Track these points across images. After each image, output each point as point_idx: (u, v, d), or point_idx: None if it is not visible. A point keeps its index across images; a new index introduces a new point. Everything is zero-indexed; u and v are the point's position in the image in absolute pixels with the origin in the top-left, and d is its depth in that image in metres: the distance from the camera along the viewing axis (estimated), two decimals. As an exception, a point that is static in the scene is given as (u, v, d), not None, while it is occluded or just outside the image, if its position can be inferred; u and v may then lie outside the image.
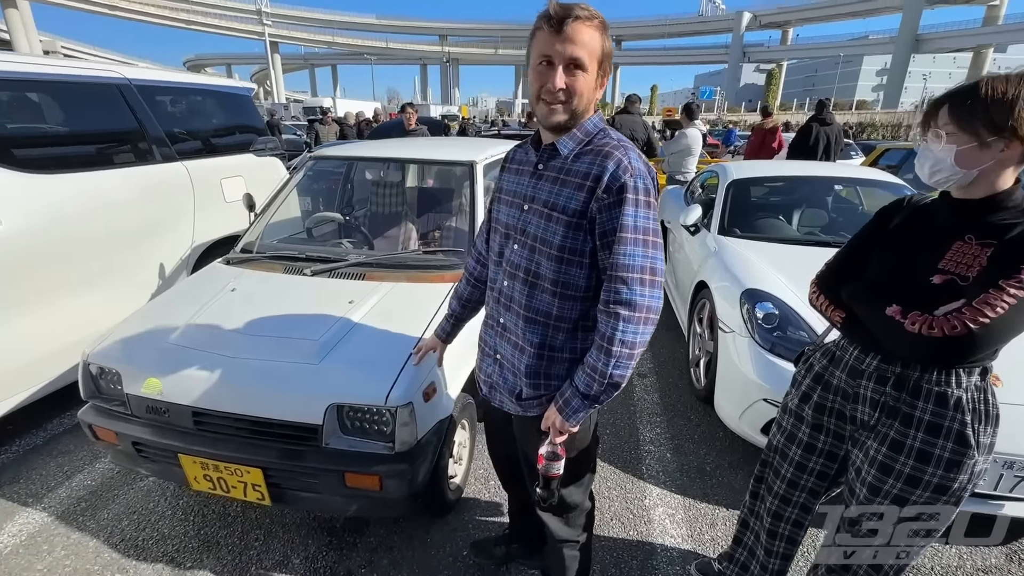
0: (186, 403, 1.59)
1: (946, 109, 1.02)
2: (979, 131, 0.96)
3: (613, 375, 1.06)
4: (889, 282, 1.11)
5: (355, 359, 1.61)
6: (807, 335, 2.14)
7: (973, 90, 0.98)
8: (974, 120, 0.97)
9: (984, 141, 0.96)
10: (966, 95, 1.00)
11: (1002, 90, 0.94)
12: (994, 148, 0.96)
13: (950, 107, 1.01)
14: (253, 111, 3.85)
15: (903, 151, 5.64)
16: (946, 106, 1.02)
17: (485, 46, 76.33)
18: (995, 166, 0.98)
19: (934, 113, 1.05)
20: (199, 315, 1.83)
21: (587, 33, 1.00)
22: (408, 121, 5.41)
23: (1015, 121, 0.93)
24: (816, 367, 1.30)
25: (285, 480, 1.58)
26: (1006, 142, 0.95)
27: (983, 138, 0.96)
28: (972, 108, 0.98)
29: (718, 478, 2.23)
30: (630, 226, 1.02)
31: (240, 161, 3.54)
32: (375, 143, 3.18)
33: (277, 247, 2.38)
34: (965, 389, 1.05)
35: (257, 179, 3.63)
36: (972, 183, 1.02)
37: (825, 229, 3.28)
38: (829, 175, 3.56)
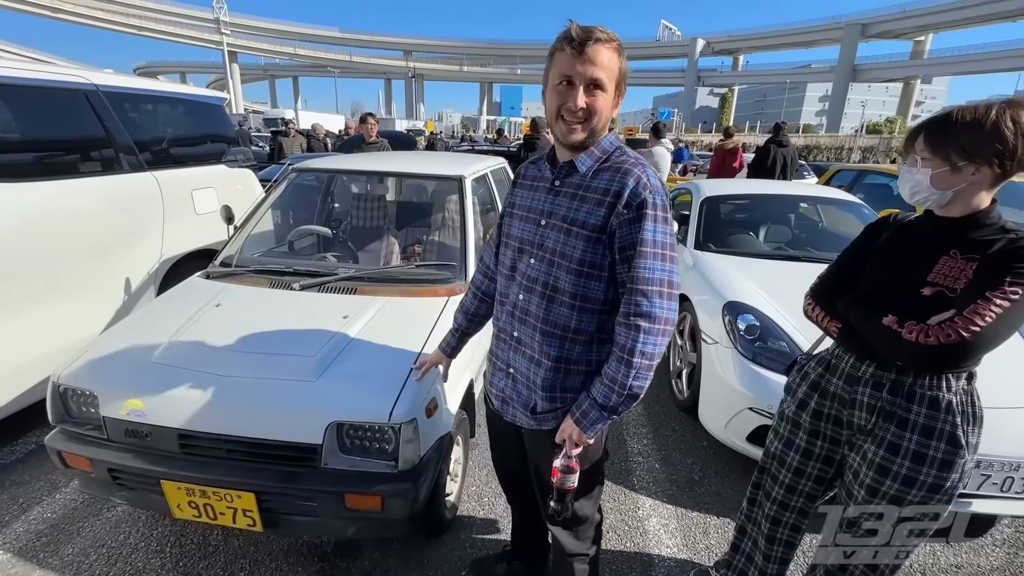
0: (172, 425, 1.51)
1: (922, 137, 1.12)
2: (950, 156, 1.06)
3: (632, 386, 1.08)
4: (882, 294, 1.19)
5: (355, 375, 1.57)
6: (786, 345, 2.24)
7: (945, 119, 1.08)
8: (946, 147, 1.07)
9: (956, 165, 1.06)
10: (939, 124, 1.10)
11: (970, 119, 1.04)
12: (965, 172, 1.06)
13: (925, 135, 1.11)
14: (225, 121, 3.74)
15: (854, 172, 6.03)
16: (922, 134, 1.12)
17: (450, 62, 76.97)
18: (969, 188, 1.08)
19: (913, 140, 1.15)
20: (183, 332, 1.74)
21: (606, 55, 1.04)
22: (368, 132, 5.13)
23: (982, 148, 1.02)
24: (812, 375, 1.37)
25: (280, 504, 1.51)
26: (976, 166, 1.04)
27: (955, 163, 1.06)
28: (944, 136, 1.07)
29: (707, 486, 2.28)
30: (650, 240, 1.06)
31: (212, 172, 3.42)
32: (359, 156, 3.13)
33: (261, 261, 2.30)
34: (955, 393, 1.12)
35: (230, 191, 3.51)
36: (950, 203, 1.11)
37: (790, 244, 3.46)
38: (793, 194, 3.77)
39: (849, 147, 31.33)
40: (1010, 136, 1.00)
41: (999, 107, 1.02)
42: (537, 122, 5.60)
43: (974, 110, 1.05)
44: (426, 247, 2.87)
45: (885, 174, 5.56)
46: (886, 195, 5.47)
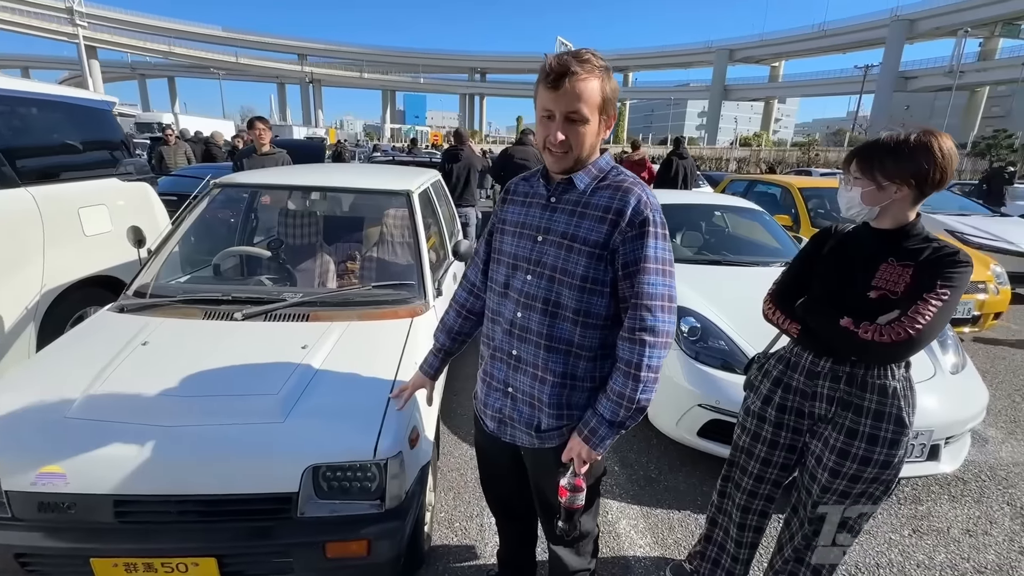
0: (104, 491, 1.27)
1: (855, 160, 1.29)
2: (876, 177, 1.23)
3: (640, 400, 1.11)
4: (835, 297, 1.34)
5: (328, 411, 1.44)
6: (725, 344, 2.44)
7: (872, 145, 1.26)
8: (872, 169, 1.24)
9: (881, 185, 1.23)
10: (867, 149, 1.28)
11: (892, 146, 1.22)
12: (889, 190, 1.23)
13: (857, 158, 1.28)
14: (115, 128, 3.26)
15: (744, 182, 6.76)
16: (855, 158, 1.29)
17: (350, 68, 74.32)
18: (893, 204, 1.26)
19: (849, 162, 1.32)
20: (105, 378, 1.48)
21: (585, 86, 1.05)
22: (259, 140, 4.10)
23: (901, 171, 1.21)
24: (774, 372, 1.50)
25: (248, 565, 1.34)
26: (897, 186, 1.23)
27: (880, 182, 1.23)
28: (870, 160, 1.25)
29: (664, 483, 2.40)
30: (652, 257, 1.10)
31: (102, 187, 2.97)
32: (291, 170, 2.89)
33: (189, 289, 2.03)
34: (898, 380, 1.30)
35: (125, 208, 3.07)
36: (880, 216, 1.29)
37: (705, 248, 3.79)
38: (708, 203, 4.13)
39: (726, 158, 35.14)
40: (923, 162, 1.19)
41: (916, 136, 1.20)
42: (461, 132, 5.58)
43: (895, 137, 1.23)
44: (364, 263, 2.73)
45: (771, 183, 6.29)
46: (771, 202, 6.19)
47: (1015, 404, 3.30)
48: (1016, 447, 2.81)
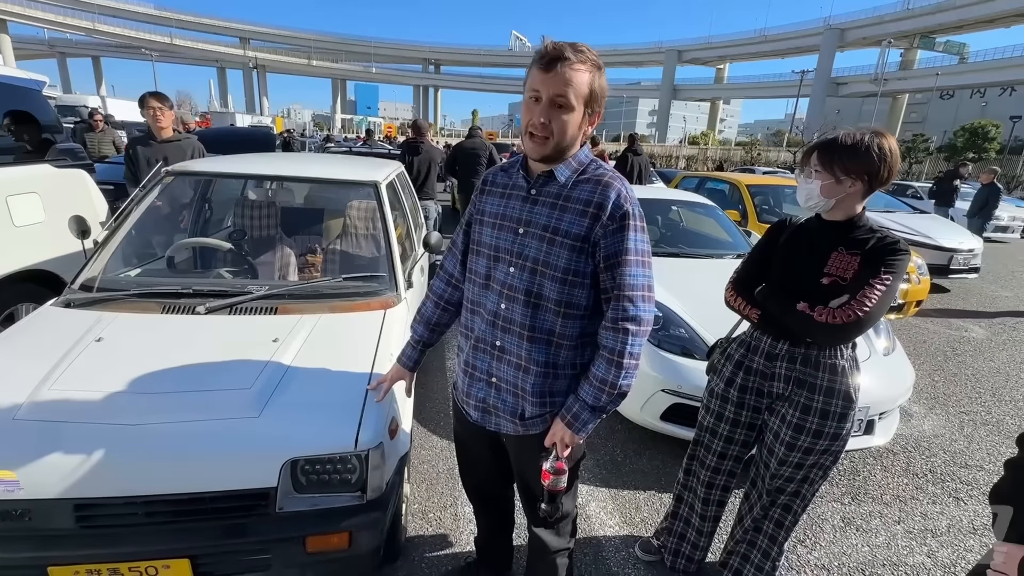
0: (62, 496, 1.20)
1: (816, 154, 1.39)
2: (835, 172, 1.34)
3: (622, 385, 1.16)
4: (791, 284, 1.45)
5: (306, 404, 1.41)
6: (685, 332, 2.57)
7: (832, 143, 1.37)
8: (832, 164, 1.35)
9: (838, 179, 1.35)
10: (827, 145, 1.38)
11: (850, 144, 1.33)
12: (844, 184, 1.35)
13: (818, 153, 1.39)
14: (46, 109, 3.01)
15: (696, 178, 7.06)
16: (816, 152, 1.40)
17: (297, 55, 71.20)
18: (847, 197, 1.37)
19: (809, 156, 1.43)
20: (57, 378, 1.38)
21: (576, 75, 1.08)
22: (156, 124, 3.19)
23: (856, 167, 1.32)
24: (736, 356, 1.61)
25: (222, 564, 1.30)
26: (852, 180, 1.34)
27: (838, 176, 1.34)
28: (830, 155, 1.36)
29: (630, 466, 2.51)
30: (632, 249, 1.15)
31: (33, 173, 2.73)
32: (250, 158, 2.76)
33: (142, 282, 1.92)
34: (846, 360, 1.43)
35: (59, 196, 2.84)
36: (834, 209, 1.40)
37: (663, 241, 3.95)
38: (666, 198, 4.30)
39: (676, 155, 36.45)
40: (876, 159, 1.31)
41: (869, 136, 1.32)
42: (419, 125, 5.49)
43: (852, 136, 1.34)
44: (327, 256, 2.67)
45: (721, 180, 6.60)
46: (721, 198, 6.50)
47: (935, 383, 3.66)
48: (936, 421, 3.12)
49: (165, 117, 3.25)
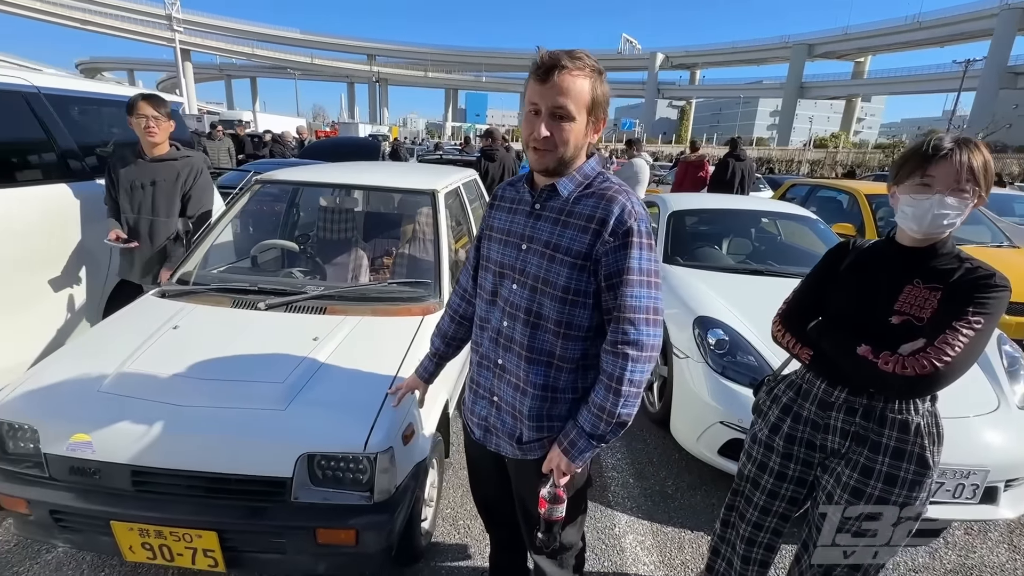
0: (123, 461, 1.39)
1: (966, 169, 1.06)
2: (974, 188, 1.07)
3: (621, 414, 1.07)
4: (851, 321, 1.22)
5: (327, 402, 1.49)
6: (755, 359, 2.30)
7: (975, 151, 1.07)
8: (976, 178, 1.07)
9: (976, 196, 1.08)
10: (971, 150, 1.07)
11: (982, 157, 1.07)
12: (970, 201, 1.09)
13: (971, 166, 1.06)
14: (181, 127, 3.54)
15: (806, 187, 6.33)
16: (968, 165, 1.07)
17: (415, 68, 76.53)
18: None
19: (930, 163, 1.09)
20: (136, 358, 1.62)
21: (574, 82, 1.02)
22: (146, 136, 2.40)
23: (987, 181, 1.07)
24: (783, 399, 1.39)
25: (244, 542, 1.42)
26: (978, 198, 1.09)
27: (975, 194, 1.08)
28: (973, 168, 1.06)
29: (680, 500, 2.31)
30: (635, 268, 1.05)
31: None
32: (329, 167, 3.03)
33: (223, 278, 2.18)
34: (922, 416, 1.17)
35: (185, 200, 3.33)
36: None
37: (751, 257, 3.58)
38: (755, 209, 3.90)
39: (799, 160, 33.09)
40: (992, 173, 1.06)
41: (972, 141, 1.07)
42: (493, 132, 5.61)
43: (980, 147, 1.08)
44: (396, 260, 2.80)
45: (836, 189, 5.86)
46: (836, 209, 5.77)
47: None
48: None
49: (160, 129, 2.41)
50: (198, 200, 2.58)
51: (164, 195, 2.48)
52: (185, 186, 2.53)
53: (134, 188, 2.43)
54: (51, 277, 2.48)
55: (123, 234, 2.44)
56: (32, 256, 2.38)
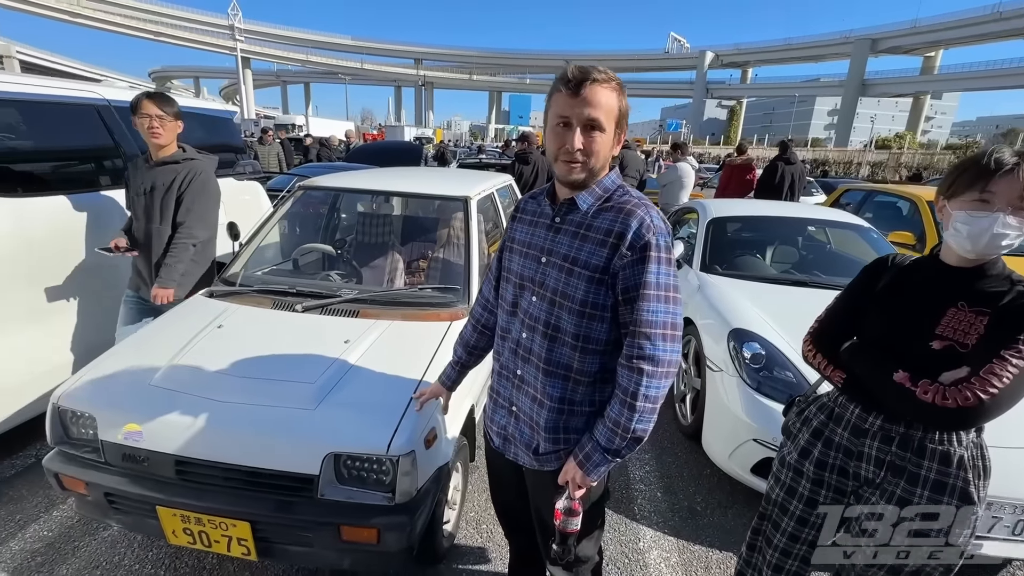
0: (168, 451, 1.49)
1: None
2: None
3: (636, 429, 1.06)
4: (888, 345, 1.15)
5: (354, 404, 1.55)
6: (793, 375, 2.21)
7: None
8: None
9: None
10: None
11: None
12: None
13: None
14: (235, 133, 3.77)
15: (862, 192, 5.98)
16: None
17: (460, 71, 77.67)
18: None
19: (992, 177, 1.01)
20: (183, 354, 1.73)
21: (604, 95, 1.04)
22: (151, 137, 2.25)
23: None
24: (814, 422, 1.33)
25: (275, 534, 1.49)
26: None
27: None
28: None
29: (709, 518, 2.24)
30: (653, 283, 1.04)
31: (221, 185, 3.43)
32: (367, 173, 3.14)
33: (265, 280, 2.29)
34: (966, 447, 1.09)
35: (237, 203, 3.53)
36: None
37: (797, 267, 3.43)
38: (801, 216, 3.73)
39: (858, 162, 31.30)
40: None
41: None
42: (528, 135, 5.61)
43: None
44: (431, 263, 2.86)
45: (895, 194, 5.51)
46: (895, 216, 5.42)
47: None
48: None
49: (166, 130, 2.24)
50: (188, 206, 2.30)
51: (159, 200, 2.29)
52: (179, 190, 2.29)
53: (138, 194, 2.32)
54: (112, 276, 2.69)
55: (123, 243, 2.35)
56: (98, 256, 2.59)
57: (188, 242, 2.30)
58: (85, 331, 2.53)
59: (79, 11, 47.59)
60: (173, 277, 2.26)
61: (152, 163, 2.32)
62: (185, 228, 2.30)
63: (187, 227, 2.31)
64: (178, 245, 2.28)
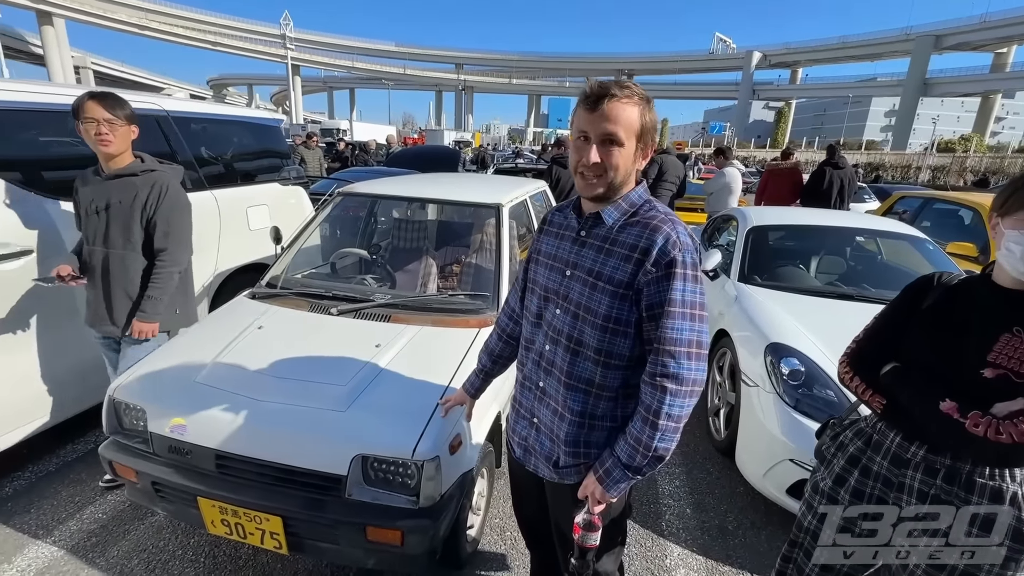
0: (210, 445, 1.58)
1: None
2: None
3: (658, 448, 1.04)
4: (934, 371, 1.08)
5: (382, 408, 1.59)
6: (834, 394, 2.11)
7: None
8: None
9: None
10: None
11: None
12: None
13: None
14: (281, 141, 3.94)
15: (919, 200, 5.64)
16: None
17: (500, 75, 78.22)
18: None
19: None
20: (226, 353, 1.83)
21: (623, 110, 1.03)
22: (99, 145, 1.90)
23: None
24: (851, 448, 1.26)
25: (304, 530, 1.55)
26: None
27: None
28: None
29: (740, 538, 2.16)
30: (678, 300, 1.03)
31: (265, 190, 3.60)
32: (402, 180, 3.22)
33: (303, 283, 2.39)
34: (1019, 483, 1.02)
35: (281, 207, 3.69)
36: None
37: (843, 279, 3.27)
38: (847, 226, 3.56)
39: (917, 166, 29.54)
40: None
41: None
42: (563, 140, 5.60)
43: None
44: (463, 268, 2.90)
45: (956, 202, 5.17)
46: (955, 225, 5.09)
47: None
48: None
49: (117, 136, 1.93)
50: (164, 230, 2.00)
51: (119, 221, 1.95)
52: (148, 209, 1.97)
53: (89, 213, 1.98)
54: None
55: (73, 269, 2.01)
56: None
57: (173, 270, 2.03)
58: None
59: (147, 23, 50.93)
60: (158, 310, 2.00)
61: (105, 175, 1.97)
62: (167, 255, 2.01)
63: (169, 254, 2.01)
64: (161, 275, 2.00)
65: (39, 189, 2.24)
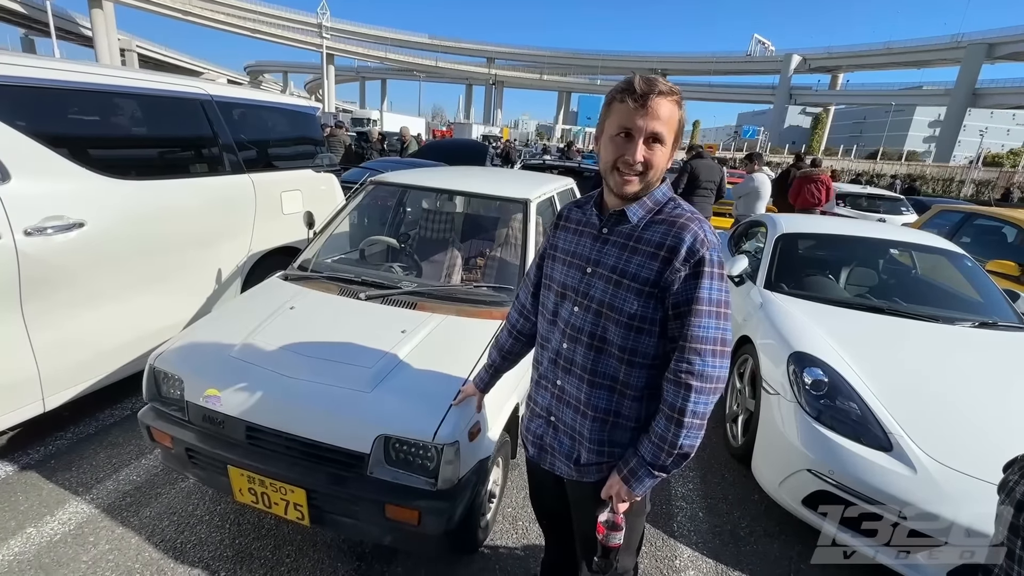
0: (241, 417, 1.65)
1: None
2: None
3: (683, 445, 1.05)
4: None
5: (406, 391, 1.64)
6: (857, 407, 2.08)
7: None
8: None
9: None
10: None
11: None
12: None
13: None
14: (316, 128, 4.03)
15: (959, 214, 5.45)
16: None
17: (531, 71, 77.91)
18: None
19: None
20: (259, 331, 1.90)
21: (668, 108, 1.03)
22: None
23: None
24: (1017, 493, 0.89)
25: (326, 504, 1.61)
26: None
27: None
28: None
29: (752, 545, 2.16)
30: (705, 299, 1.04)
31: (299, 175, 3.70)
32: (434, 171, 3.28)
33: (333, 268, 2.46)
34: None
35: (313, 193, 3.79)
36: None
37: (875, 291, 3.20)
38: (884, 238, 3.47)
39: (961, 179, 28.40)
40: None
41: None
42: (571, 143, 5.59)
43: None
44: (488, 261, 2.94)
45: (1000, 219, 4.98)
46: (998, 242, 4.92)
47: None
48: None
49: None
50: None
51: None
52: None
53: None
54: (208, 252, 2.97)
55: None
56: (194, 235, 2.87)
57: None
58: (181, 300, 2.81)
59: (190, 9, 52.32)
60: None
61: None
62: None
63: None
64: None
65: (90, 165, 2.35)
